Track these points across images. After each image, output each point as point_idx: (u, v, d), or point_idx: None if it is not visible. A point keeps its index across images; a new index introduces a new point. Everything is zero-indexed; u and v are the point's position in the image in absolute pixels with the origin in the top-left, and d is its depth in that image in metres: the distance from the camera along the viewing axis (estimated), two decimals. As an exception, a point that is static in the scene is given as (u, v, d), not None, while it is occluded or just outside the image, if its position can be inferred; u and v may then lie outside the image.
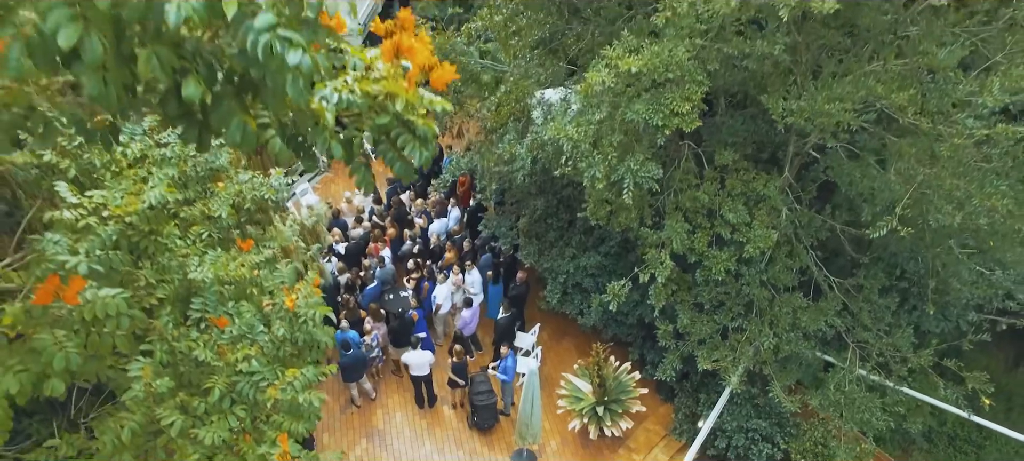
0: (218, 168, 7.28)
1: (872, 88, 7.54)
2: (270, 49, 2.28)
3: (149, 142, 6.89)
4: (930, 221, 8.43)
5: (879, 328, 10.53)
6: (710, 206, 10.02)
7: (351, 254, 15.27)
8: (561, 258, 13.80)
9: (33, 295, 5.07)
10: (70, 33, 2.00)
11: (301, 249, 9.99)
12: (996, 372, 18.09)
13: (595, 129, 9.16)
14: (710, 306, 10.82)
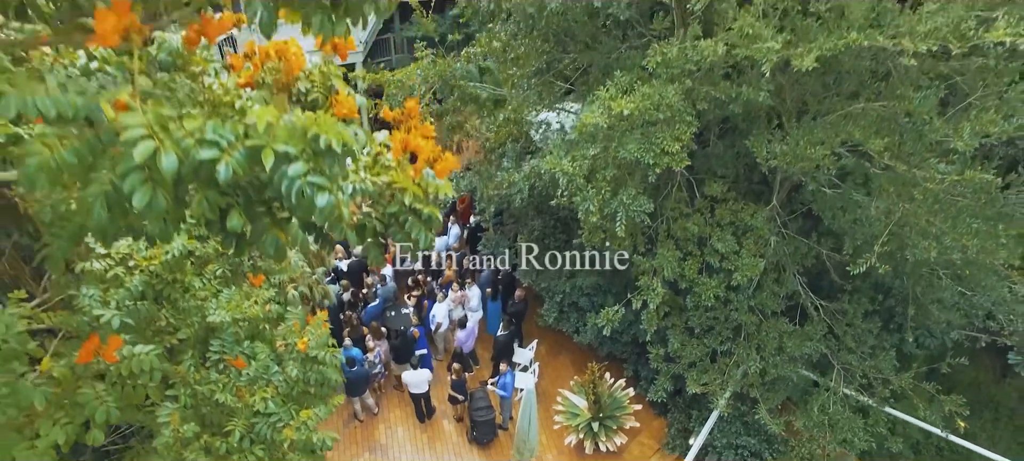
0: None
1: (850, 133, 7.98)
2: (302, 192, 2.72)
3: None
4: (908, 255, 8.87)
5: (862, 351, 10.99)
6: (700, 234, 10.46)
7: (353, 271, 15.70)
8: (558, 278, 14.25)
9: (63, 342, 5.55)
10: (143, 195, 2.43)
11: (307, 274, 10.43)
12: (985, 383, 18.54)
13: (589, 163, 9.58)
14: (700, 330, 11.27)
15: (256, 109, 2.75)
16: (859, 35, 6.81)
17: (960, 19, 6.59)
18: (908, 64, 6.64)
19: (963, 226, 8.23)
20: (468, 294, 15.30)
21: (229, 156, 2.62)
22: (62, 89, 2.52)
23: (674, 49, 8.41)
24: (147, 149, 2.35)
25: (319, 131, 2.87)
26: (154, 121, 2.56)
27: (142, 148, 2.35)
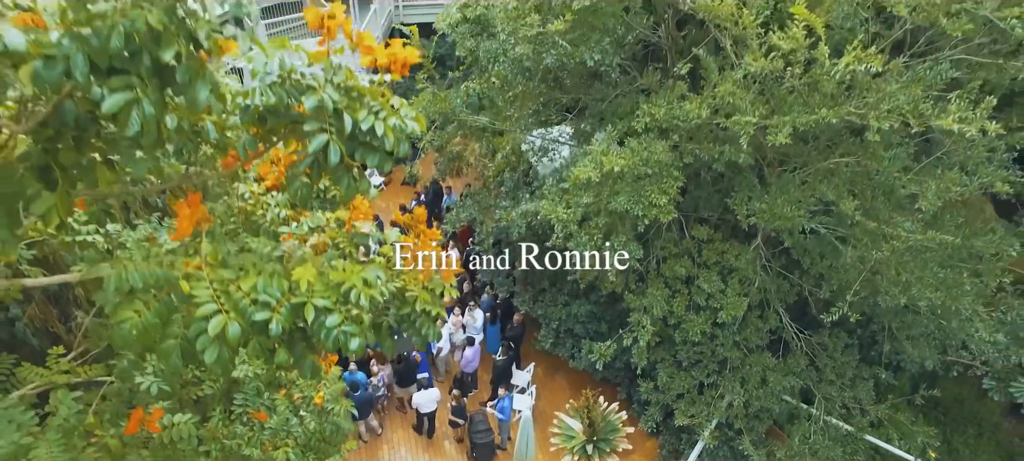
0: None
1: (824, 192, 8.60)
2: (338, 339, 3.33)
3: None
4: (880, 301, 9.50)
5: (841, 382, 11.62)
6: (688, 274, 11.08)
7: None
8: (553, 305, 14.85)
9: (103, 402, 6.18)
10: (212, 353, 3.04)
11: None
12: (968, 399, 19.10)
13: (582, 210, 10.17)
14: (688, 363, 11.91)
15: (297, 269, 3.36)
16: (829, 112, 7.42)
17: (918, 99, 7.21)
18: (873, 139, 7.25)
19: (930, 275, 8.85)
20: (473, 316, 15.92)
21: (278, 314, 3.24)
22: (146, 263, 3.13)
23: (661, 110, 9.02)
24: (219, 324, 2.97)
25: (348, 283, 3.50)
26: (218, 287, 3.18)
27: (215, 323, 2.97)
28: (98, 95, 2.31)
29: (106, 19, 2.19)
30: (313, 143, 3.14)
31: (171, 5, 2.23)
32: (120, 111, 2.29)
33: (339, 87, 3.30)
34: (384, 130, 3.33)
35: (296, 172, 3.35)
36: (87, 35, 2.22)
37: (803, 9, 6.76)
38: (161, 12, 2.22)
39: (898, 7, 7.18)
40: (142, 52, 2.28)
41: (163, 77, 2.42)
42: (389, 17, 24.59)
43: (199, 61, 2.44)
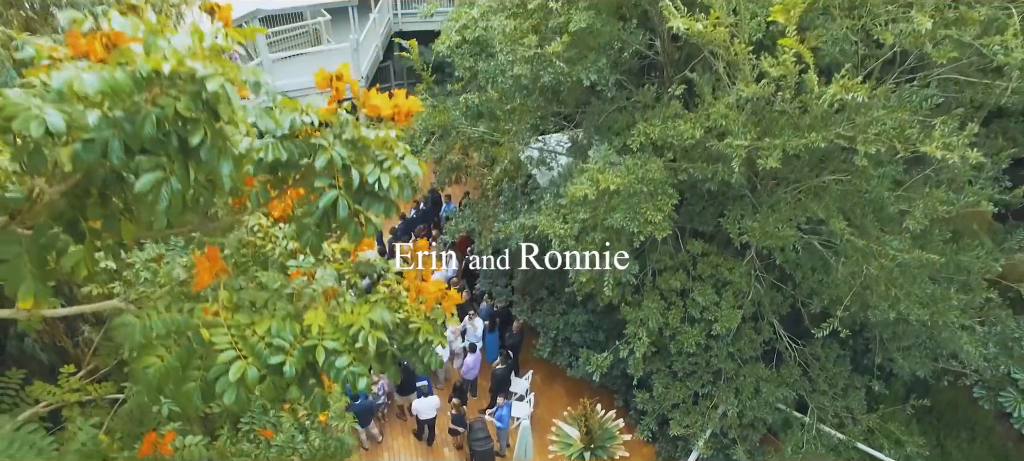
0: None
1: (814, 211, 8.83)
2: (346, 379, 3.55)
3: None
4: (870, 315, 9.73)
5: (834, 391, 11.86)
6: (683, 287, 11.30)
7: (358, 306, 16.48)
8: (551, 314, 15.08)
9: (115, 419, 6.40)
10: (231, 394, 3.25)
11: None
12: (962, 404, 19.32)
13: (579, 226, 10.39)
14: (683, 374, 12.13)
15: (309, 314, 3.58)
16: (817, 136, 7.65)
17: (905, 124, 7.43)
18: (860, 164, 7.47)
19: (918, 290, 9.08)
20: (473, 325, 16.14)
21: (291, 356, 3.46)
22: (168, 311, 3.34)
23: (656, 128, 9.23)
24: (239, 369, 3.19)
25: (356, 326, 3.72)
26: (235, 333, 3.40)
27: (235, 369, 3.18)
28: (131, 171, 2.53)
29: (139, 107, 2.40)
30: (324, 199, 3.35)
31: (197, 92, 2.44)
32: (151, 189, 2.50)
33: (347, 142, 3.51)
34: (389, 182, 3.53)
35: (306, 223, 3.56)
36: (122, 119, 2.44)
37: (792, 40, 6.98)
38: (188, 98, 2.44)
39: (884, 35, 7.41)
40: (171, 135, 2.50)
41: (188, 153, 2.63)
42: (388, 25, 24.80)
43: (222, 139, 2.65)
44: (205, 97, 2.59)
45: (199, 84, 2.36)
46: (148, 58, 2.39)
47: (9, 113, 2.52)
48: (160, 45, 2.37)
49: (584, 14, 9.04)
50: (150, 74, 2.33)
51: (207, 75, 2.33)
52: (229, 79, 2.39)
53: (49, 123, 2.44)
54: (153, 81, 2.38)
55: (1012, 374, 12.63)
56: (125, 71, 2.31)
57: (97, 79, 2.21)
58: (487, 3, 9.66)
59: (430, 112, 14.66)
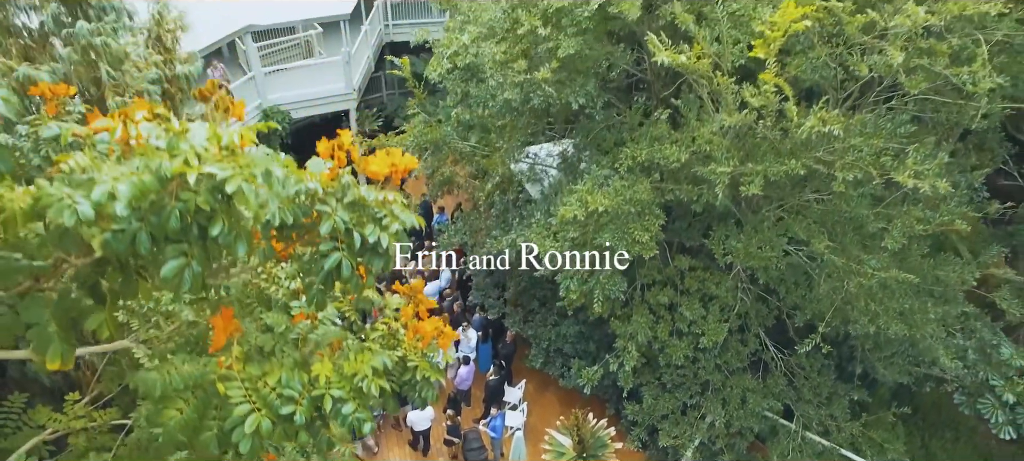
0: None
1: (796, 232, 9.14)
2: (352, 424, 3.82)
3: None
4: (851, 330, 10.07)
5: (818, 400, 12.19)
6: (672, 301, 11.60)
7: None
8: (544, 325, 15.36)
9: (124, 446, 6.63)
10: (246, 444, 3.52)
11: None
12: (946, 404, 19.72)
13: (569, 244, 10.67)
14: (672, 385, 12.45)
15: (316, 365, 3.85)
16: (797, 163, 7.96)
17: (880, 150, 7.75)
18: (838, 189, 7.79)
19: (897, 305, 9.41)
20: (467, 336, 16.41)
21: (301, 405, 3.73)
22: (186, 367, 3.60)
23: (643, 152, 9.52)
24: (254, 422, 3.45)
25: (360, 374, 3.99)
26: (248, 385, 3.66)
27: (251, 421, 3.44)
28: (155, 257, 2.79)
29: (164, 202, 2.66)
30: (329, 261, 3.62)
31: (218, 185, 2.70)
32: (175, 275, 2.76)
33: (348, 205, 3.77)
34: (389, 240, 3.80)
35: (312, 282, 3.82)
36: (148, 212, 2.70)
37: (771, 75, 7.28)
38: (208, 193, 2.70)
39: (860, 66, 7.72)
40: (192, 225, 2.75)
41: (206, 238, 2.89)
42: (380, 36, 25.01)
43: (238, 224, 2.91)
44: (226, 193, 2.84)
45: (219, 183, 2.62)
46: (171, 157, 2.64)
47: (45, 203, 2.78)
48: (182, 147, 2.63)
49: (573, 40, 9.30)
50: (174, 175, 2.59)
51: (226, 177, 2.58)
52: (245, 177, 2.65)
53: (80, 213, 2.70)
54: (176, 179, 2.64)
55: (990, 380, 12.99)
56: (152, 174, 2.57)
57: (128, 188, 2.46)
58: (477, 30, 9.91)
59: (422, 128, 14.92)
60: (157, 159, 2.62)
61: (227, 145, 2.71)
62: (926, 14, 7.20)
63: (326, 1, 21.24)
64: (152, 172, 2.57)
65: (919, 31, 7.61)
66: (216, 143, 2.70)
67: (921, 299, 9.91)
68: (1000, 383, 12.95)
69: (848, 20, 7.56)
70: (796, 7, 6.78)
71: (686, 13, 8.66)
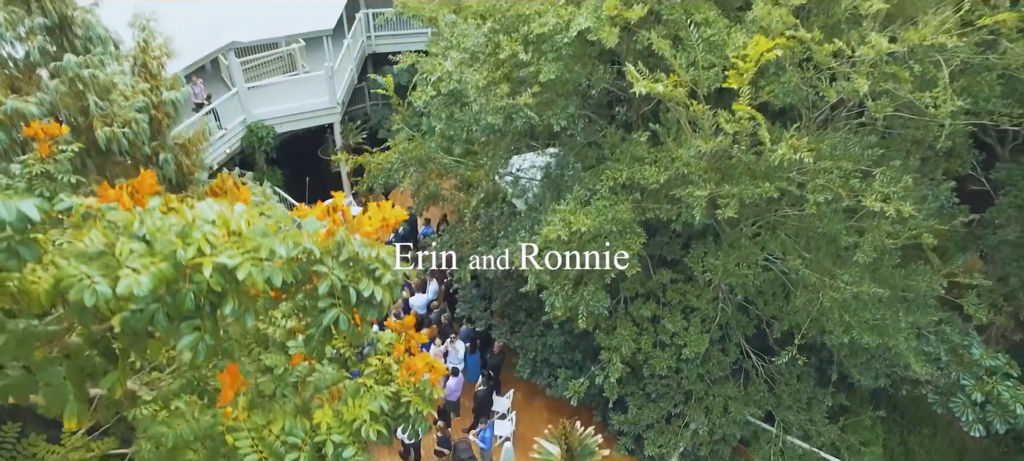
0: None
1: (772, 249, 9.49)
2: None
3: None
4: (826, 340, 10.44)
5: (797, 406, 12.58)
6: (654, 313, 11.93)
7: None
8: (530, 336, 15.64)
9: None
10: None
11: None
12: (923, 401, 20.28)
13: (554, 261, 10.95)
14: (656, 395, 12.78)
15: (317, 413, 4.09)
16: (770, 186, 8.29)
17: (849, 173, 8.10)
18: (810, 211, 8.14)
19: (869, 316, 9.79)
20: (454, 348, 16.65)
21: (304, 451, 3.97)
22: (196, 420, 3.84)
23: (623, 173, 9.83)
24: (261, 474, 3.69)
25: (359, 420, 4.24)
26: (255, 435, 3.90)
27: (257, 474, 3.68)
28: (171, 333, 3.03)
29: (180, 285, 2.90)
30: (327, 317, 3.86)
31: (231, 269, 2.94)
32: (190, 349, 3.00)
33: (344, 263, 4.02)
34: (383, 294, 4.06)
35: (311, 334, 4.06)
36: (164, 294, 2.93)
37: (744, 105, 7.59)
38: (219, 275, 2.94)
39: (828, 92, 8.07)
40: (205, 303, 3.00)
41: (217, 311, 3.13)
42: (362, 48, 25.17)
43: (246, 299, 3.15)
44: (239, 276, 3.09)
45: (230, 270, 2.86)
46: (185, 245, 2.88)
47: (66, 284, 3.02)
48: (195, 235, 2.87)
49: (553, 65, 9.57)
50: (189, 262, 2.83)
51: (236, 265, 2.83)
52: (253, 262, 2.90)
53: (100, 293, 2.93)
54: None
55: (961, 380, 13.46)
56: (169, 262, 2.81)
57: (149, 280, 2.70)
58: (460, 55, 10.15)
59: (407, 146, 15.13)
60: (173, 247, 2.86)
61: (235, 230, 2.96)
62: (889, 44, 7.55)
63: (309, 16, 21.37)
64: (169, 260, 2.81)
65: (883, 58, 7.96)
66: (225, 229, 2.94)
67: (893, 308, 10.30)
68: (970, 383, 13.44)
69: (817, 48, 7.90)
70: (766, 41, 7.10)
71: (663, 39, 8.97)
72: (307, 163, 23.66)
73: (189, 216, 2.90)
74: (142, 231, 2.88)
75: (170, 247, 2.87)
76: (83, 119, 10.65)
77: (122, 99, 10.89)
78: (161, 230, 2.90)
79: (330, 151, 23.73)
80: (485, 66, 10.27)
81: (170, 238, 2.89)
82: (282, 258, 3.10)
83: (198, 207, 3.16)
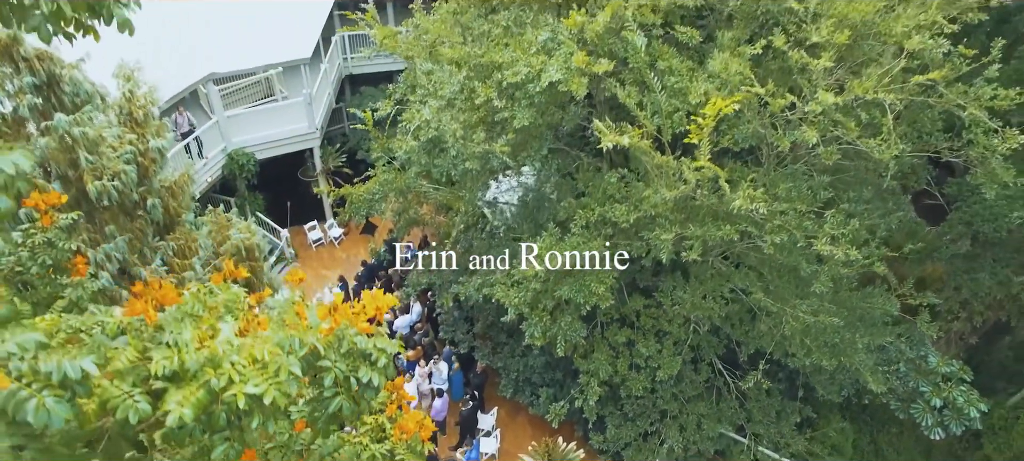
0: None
1: (736, 283, 10.13)
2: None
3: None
4: (788, 363, 11.13)
5: (767, 420, 13.29)
6: (629, 338, 12.54)
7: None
8: (512, 356, 16.20)
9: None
10: None
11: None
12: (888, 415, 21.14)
13: (532, 295, 11.49)
14: (633, 414, 13.41)
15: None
16: (730, 229, 8.92)
17: (804, 214, 8.76)
18: (768, 251, 8.79)
19: (828, 338, 10.48)
20: (438, 369, 17.15)
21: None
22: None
23: (595, 213, 10.40)
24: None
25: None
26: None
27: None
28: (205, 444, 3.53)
29: (214, 407, 3.41)
30: (332, 405, 4.39)
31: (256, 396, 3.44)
32: (223, 457, 3.51)
33: (345, 355, 4.54)
34: (379, 379, 4.59)
35: (318, 417, 4.58)
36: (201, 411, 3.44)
37: (704, 160, 8.20)
38: (247, 398, 3.45)
39: (782, 141, 8.71)
40: (234, 419, 3.51)
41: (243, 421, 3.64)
42: (339, 71, 25.53)
43: (271, 409, 3.65)
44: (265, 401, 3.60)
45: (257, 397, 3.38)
46: (217, 374, 3.39)
47: (113, 404, 3.52)
48: (226, 366, 3.38)
49: (527, 112, 10.11)
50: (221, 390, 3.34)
51: (262, 392, 3.34)
52: (276, 386, 3.41)
53: (140, 410, 3.43)
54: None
55: (920, 387, 14.28)
56: (205, 390, 3.31)
57: (191, 411, 3.20)
58: (437, 103, 10.65)
59: (388, 177, 15.58)
60: (207, 376, 3.37)
61: (260, 359, 3.47)
62: (835, 97, 8.20)
63: (286, 45, 21.69)
64: (204, 388, 3.32)
65: (833, 107, 8.60)
66: (250, 359, 3.45)
67: (851, 329, 11.01)
68: (928, 389, 14.26)
69: (771, 102, 8.53)
70: (722, 101, 7.71)
71: (631, 86, 9.55)
72: (287, 185, 23.99)
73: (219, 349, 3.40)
74: (174, 365, 3.38)
75: (204, 376, 3.38)
76: (73, 172, 10.97)
77: (110, 151, 11.21)
78: (196, 359, 3.40)
79: (310, 172, 24.09)
80: (462, 112, 10.78)
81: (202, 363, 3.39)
82: (298, 378, 3.61)
83: (222, 332, 3.67)
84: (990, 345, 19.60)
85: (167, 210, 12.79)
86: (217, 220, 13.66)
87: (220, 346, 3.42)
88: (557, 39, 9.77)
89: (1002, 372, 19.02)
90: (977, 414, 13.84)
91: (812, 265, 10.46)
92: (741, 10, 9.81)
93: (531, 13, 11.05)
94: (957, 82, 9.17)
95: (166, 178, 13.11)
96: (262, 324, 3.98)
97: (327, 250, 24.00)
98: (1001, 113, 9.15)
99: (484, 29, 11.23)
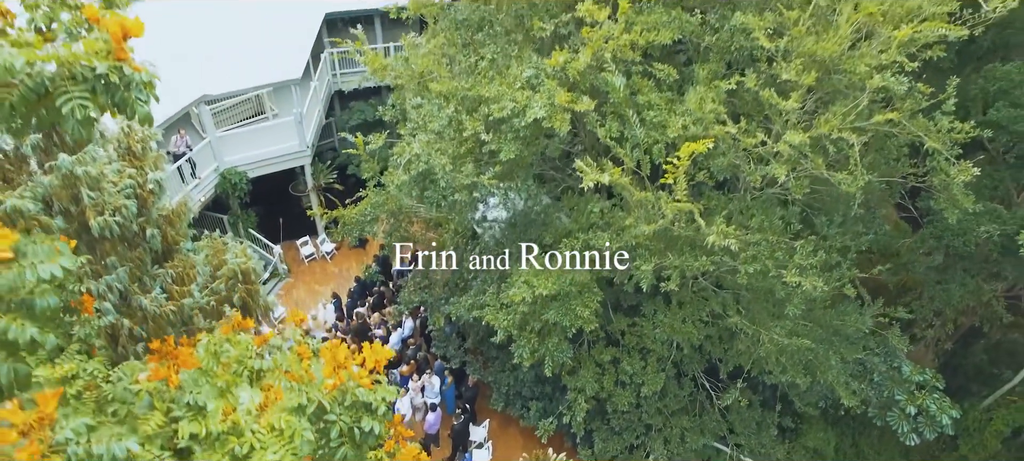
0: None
1: (715, 306, 10.65)
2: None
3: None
4: (766, 379, 11.67)
5: (748, 431, 13.84)
6: (614, 356, 13.04)
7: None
8: (503, 371, 16.68)
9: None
10: None
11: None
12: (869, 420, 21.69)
13: (520, 318, 11.96)
14: (619, 428, 13.93)
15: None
16: (707, 260, 9.43)
17: (775, 245, 9.28)
18: (742, 281, 9.31)
19: (801, 357, 11.02)
20: (431, 383, 17.59)
21: None
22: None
23: (579, 242, 10.89)
24: None
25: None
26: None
27: None
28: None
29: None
30: (338, 454, 4.85)
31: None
32: (244, 517, 3.96)
33: (348, 408, 5.01)
34: (381, 427, 5.06)
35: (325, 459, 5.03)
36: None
37: (683, 195, 8.70)
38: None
39: (754, 177, 9.23)
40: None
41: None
42: (329, 87, 25.89)
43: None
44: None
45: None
46: (239, 442, 3.84)
47: (143, 470, 3.95)
48: (247, 434, 3.84)
49: (512, 145, 10.57)
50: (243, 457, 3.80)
51: (280, 460, 3.80)
52: (292, 451, 3.87)
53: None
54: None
55: (895, 396, 14.85)
56: (230, 457, 3.77)
57: (220, 480, 3.66)
58: (427, 137, 11.09)
59: (378, 199, 16.00)
60: (231, 443, 3.83)
61: (278, 427, 3.93)
62: (804, 135, 8.72)
63: (277, 66, 22.03)
64: (230, 456, 3.78)
65: (804, 144, 9.13)
66: (270, 428, 3.91)
67: (825, 346, 11.56)
68: (903, 397, 14.84)
69: (743, 140, 9.05)
70: (694, 144, 8.21)
71: (612, 121, 10.04)
72: (279, 201, 24.34)
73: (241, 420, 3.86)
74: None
75: (229, 443, 3.84)
76: (75, 207, 11.34)
77: (111, 186, 11.59)
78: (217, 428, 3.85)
79: (301, 187, 24.44)
80: (450, 143, 11.23)
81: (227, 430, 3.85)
82: (311, 443, 4.07)
83: (242, 400, 4.13)
84: (966, 349, 20.25)
85: (165, 238, 13.17)
86: (213, 245, 14.02)
87: (242, 416, 3.87)
88: (540, 76, 10.23)
89: (977, 375, 19.67)
90: (949, 421, 14.42)
91: (786, 288, 10.99)
92: (716, 45, 10.32)
93: (515, 47, 11.52)
94: (919, 113, 9.71)
95: (164, 207, 13.51)
96: (279, 395, 4.43)
97: (320, 265, 24.37)
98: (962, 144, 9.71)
99: (471, 62, 11.71)
